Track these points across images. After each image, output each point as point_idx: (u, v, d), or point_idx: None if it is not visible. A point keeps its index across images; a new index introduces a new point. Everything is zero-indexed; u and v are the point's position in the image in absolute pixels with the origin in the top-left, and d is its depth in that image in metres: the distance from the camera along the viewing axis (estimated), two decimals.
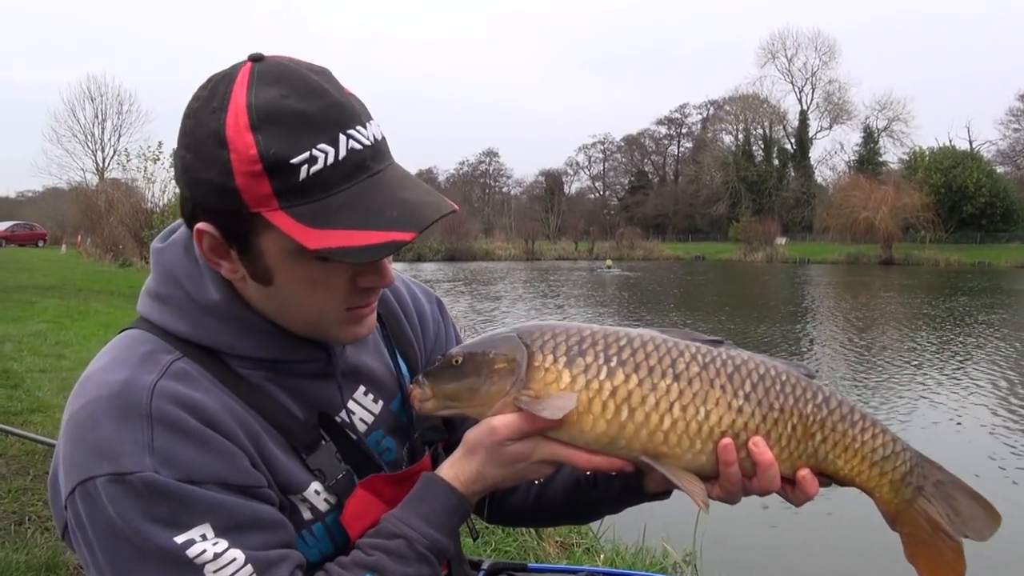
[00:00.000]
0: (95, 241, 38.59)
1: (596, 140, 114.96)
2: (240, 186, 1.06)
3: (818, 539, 6.51)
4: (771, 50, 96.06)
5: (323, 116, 1.08)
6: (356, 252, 1.08)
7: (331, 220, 1.07)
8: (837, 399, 1.29)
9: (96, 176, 59.62)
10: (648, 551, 4.72)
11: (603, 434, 1.20)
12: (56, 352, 9.21)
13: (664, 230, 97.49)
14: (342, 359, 1.32)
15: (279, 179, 1.06)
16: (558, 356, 1.22)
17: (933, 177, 67.93)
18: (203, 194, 1.11)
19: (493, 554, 3.89)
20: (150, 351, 1.17)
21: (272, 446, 1.20)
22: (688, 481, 1.21)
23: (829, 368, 13.97)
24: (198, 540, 1.06)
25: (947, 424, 10.35)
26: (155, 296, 1.24)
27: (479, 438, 1.21)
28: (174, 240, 1.28)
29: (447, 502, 1.21)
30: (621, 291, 35.66)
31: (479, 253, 78.83)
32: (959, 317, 23.07)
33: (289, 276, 1.15)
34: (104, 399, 1.10)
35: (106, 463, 1.06)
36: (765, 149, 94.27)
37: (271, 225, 1.08)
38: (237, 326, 1.21)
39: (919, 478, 1.31)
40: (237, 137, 1.05)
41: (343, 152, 1.08)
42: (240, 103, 1.06)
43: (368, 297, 1.23)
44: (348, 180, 1.09)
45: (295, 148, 1.05)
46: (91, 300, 16.54)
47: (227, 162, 1.06)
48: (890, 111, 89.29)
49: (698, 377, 1.23)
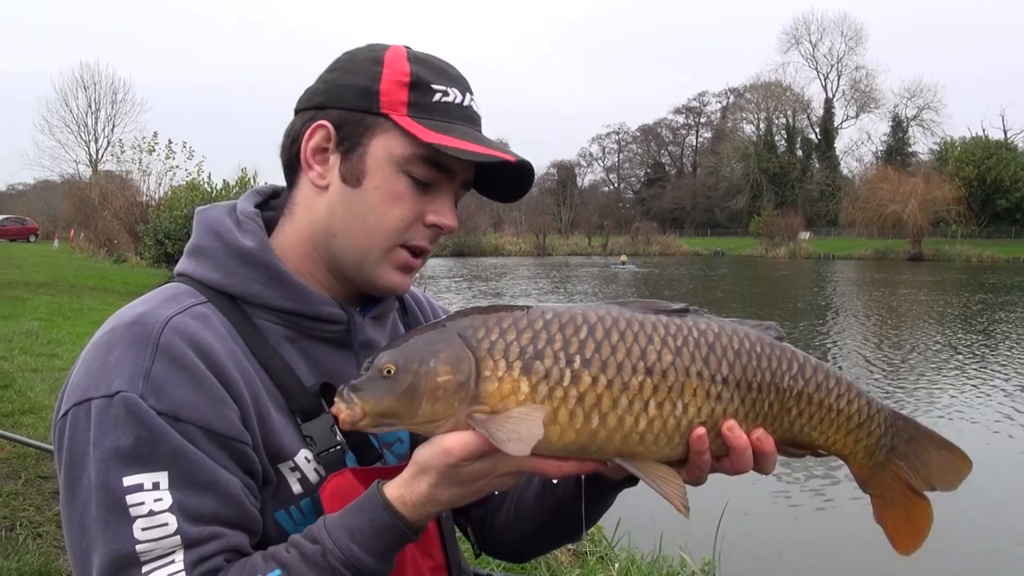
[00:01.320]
0: (88, 236, 38.90)
1: (610, 130, 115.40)
2: (383, 89, 1.28)
3: (844, 549, 6.48)
4: (795, 35, 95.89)
5: (459, 76, 1.36)
6: (465, 153, 1.25)
7: (448, 133, 1.27)
8: (812, 365, 1.27)
9: (89, 168, 60.25)
10: (665, 559, 4.72)
11: (572, 443, 1.12)
12: (48, 351, 9.27)
13: (682, 224, 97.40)
14: (361, 330, 1.39)
15: (417, 93, 1.29)
16: (512, 361, 1.11)
17: (965, 169, 67.60)
18: (342, 94, 1.30)
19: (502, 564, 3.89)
20: (177, 294, 1.27)
21: (270, 404, 1.25)
22: (665, 483, 1.15)
23: (862, 372, 13.91)
24: (146, 488, 1.11)
25: (992, 435, 10.28)
26: (193, 250, 1.35)
27: (430, 460, 1.14)
28: (217, 204, 1.41)
29: (378, 521, 1.16)
30: (635, 289, 35.59)
31: (488, 248, 79.00)
32: (996, 316, 22.91)
33: (379, 183, 1.29)
34: (121, 327, 1.19)
35: (103, 385, 1.14)
36: (788, 139, 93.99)
37: (392, 127, 1.28)
38: (268, 274, 1.30)
39: (893, 438, 1.32)
40: (395, 60, 1.30)
41: (467, 102, 1.34)
42: (400, 50, 1.33)
43: (426, 240, 1.34)
44: (464, 121, 1.32)
45: (437, 81, 1.31)
46: (84, 297, 16.63)
47: (379, 73, 1.29)
48: (920, 99, 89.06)
49: (672, 367, 1.16)
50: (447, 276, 41.54)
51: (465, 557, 1.57)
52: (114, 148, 40.18)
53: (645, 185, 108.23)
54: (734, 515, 5.07)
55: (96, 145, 64.12)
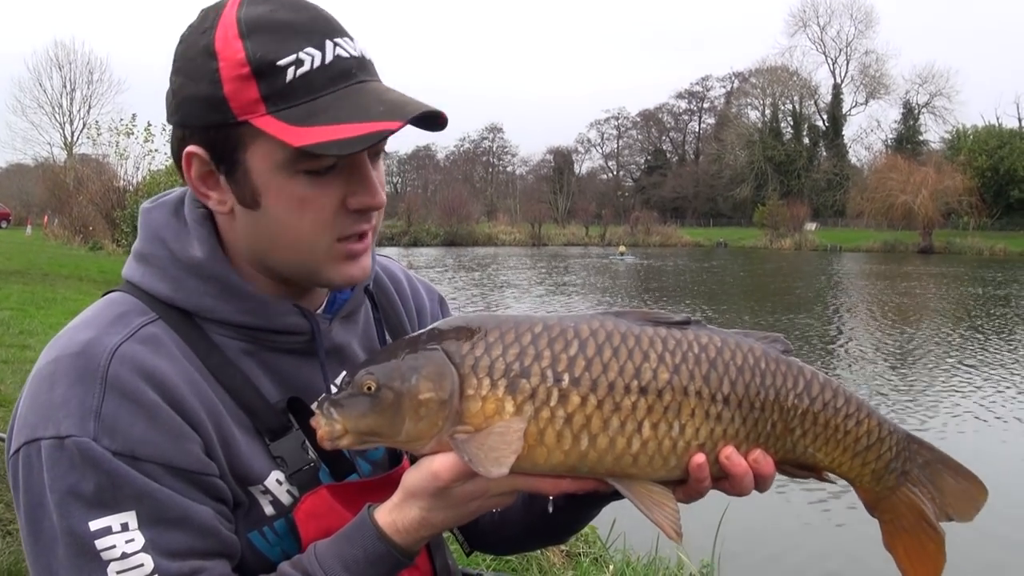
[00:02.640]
0: (63, 222, 38.61)
1: (609, 115, 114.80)
2: (228, 93, 1.13)
3: (846, 554, 6.52)
4: (802, 17, 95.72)
5: (310, 24, 1.17)
6: (340, 144, 1.12)
7: (316, 118, 1.13)
8: (819, 382, 1.24)
9: (64, 151, 59.85)
10: (662, 561, 4.74)
11: (560, 464, 1.11)
12: (20, 342, 9.24)
13: (683, 214, 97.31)
14: (327, 336, 1.34)
15: (266, 82, 1.13)
16: (496, 379, 1.09)
17: (978, 159, 67.67)
18: (192, 111, 1.18)
19: (493, 564, 3.91)
20: (123, 313, 1.21)
21: (234, 428, 1.22)
22: (657, 508, 1.13)
23: (868, 373, 13.96)
24: (116, 530, 1.09)
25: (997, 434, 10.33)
26: (139, 256, 1.29)
27: (420, 484, 1.13)
28: (163, 201, 1.34)
29: (372, 551, 1.16)
30: (633, 281, 35.61)
31: (481, 238, 78.92)
32: (1011, 311, 22.98)
33: (277, 195, 1.18)
34: (65, 358, 1.15)
35: (51, 425, 1.10)
36: (794, 126, 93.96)
37: (258, 134, 1.14)
38: (219, 287, 1.24)
39: (904, 463, 1.28)
40: (225, 47, 1.14)
41: (329, 57, 1.16)
42: (230, 18, 1.16)
43: (359, 223, 1.24)
44: (334, 84, 1.16)
45: (282, 51, 1.13)
46: (58, 286, 16.55)
47: (215, 71, 1.14)
48: (932, 85, 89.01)
49: (669, 387, 1.14)
50: (428, 266, 41.43)
51: (454, 557, 1.58)
52: (90, 130, 40.13)
53: (645, 173, 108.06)
54: (738, 518, 5.09)
55: (71, 127, 63.74)
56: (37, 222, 49.79)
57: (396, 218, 78.26)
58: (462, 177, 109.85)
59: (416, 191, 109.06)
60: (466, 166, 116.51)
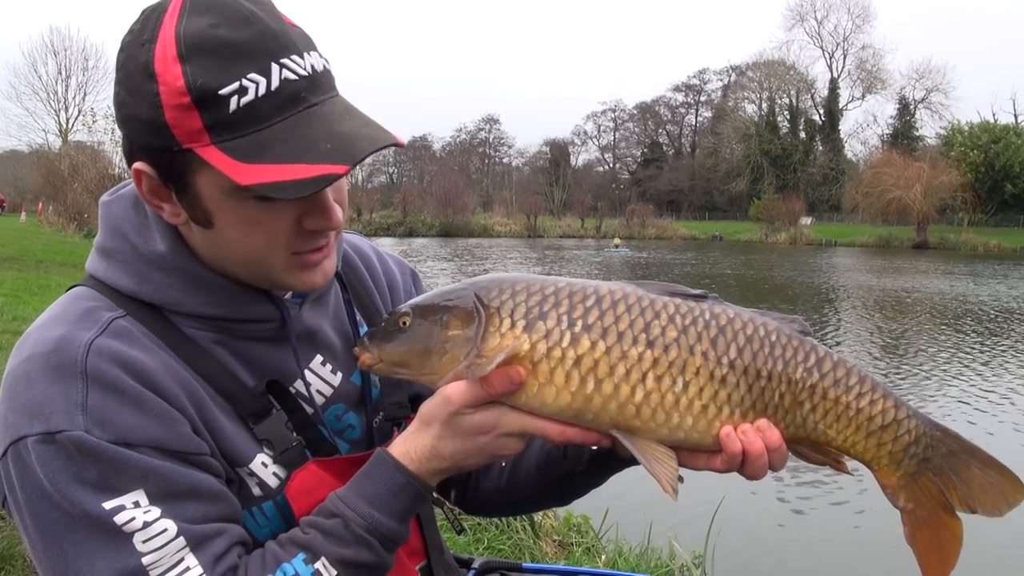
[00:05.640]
0: (57, 209, 38.59)
1: (606, 107, 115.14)
2: (170, 121, 1.09)
3: (839, 547, 6.54)
4: (799, 11, 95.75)
5: (254, 45, 1.10)
6: (288, 187, 1.09)
7: (263, 154, 1.09)
8: (832, 360, 1.25)
9: (59, 138, 59.64)
10: (654, 551, 4.75)
11: (567, 407, 1.16)
12: (13, 328, 9.21)
13: (679, 207, 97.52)
14: (297, 321, 1.33)
15: (209, 112, 1.08)
16: (517, 319, 1.17)
17: (971, 154, 67.80)
18: (136, 131, 1.14)
19: (485, 552, 3.91)
20: (91, 308, 1.20)
21: (217, 413, 1.22)
22: (656, 462, 1.17)
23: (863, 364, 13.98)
24: (129, 507, 1.08)
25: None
26: (101, 251, 1.27)
27: (433, 410, 1.18)
28: (123, 193, 1.31)
29: (393, 481, 1.18)
30: (626, 274, 35.61)
31: (476, 229, 78.85)
32: (1004, 309, 23.05)
33: (229, 218, 1.16)
34: (39, 356, 1.13)
35: (37, 422, 1.08)
36: (791, 120, 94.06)
37: (205, 162, 1.10)
38: (184, 280, 1.23)
39: (926, 449, 1.27)
40: (165, 69, 1.08)
41: (275, 82, 1.10)
42: (169, 34, 1.09)
43: (315, 241, 1.23)
44: (281, 112, 1.11)
45: (224, 78, 1.07)
46: (53, 273, 16.52)
47: (156, 95, 1.08)
48: (928, 80, 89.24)
49: (675, 343, 1.18)
50: (423, 257, 41.42)
51: (446, 542, 1.58)
52: (85, 117, 40.01)
53: (641, 166, 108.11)
54: (731, 508, 5.10)
55: (66, 114, 63.48)
56: (31, 209, 49.72)
57: (392, 208, 78.25)
58: (458, 168, 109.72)
59: (412, 182, 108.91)
60: (462, 157, 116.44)
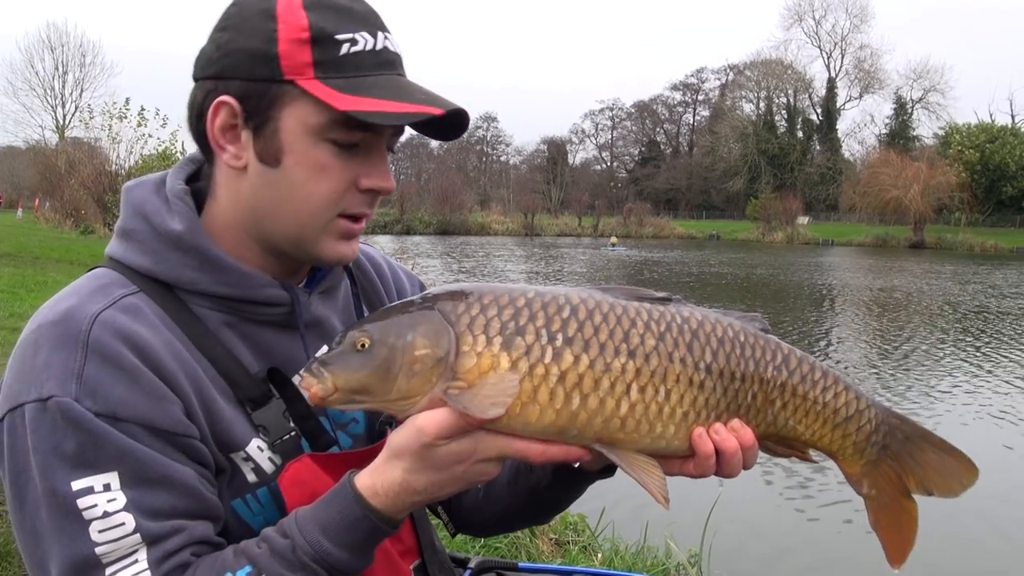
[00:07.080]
0: (54, 206, 38.49)
1: (604, 106, 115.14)
2: (282, 52, 1.19)
3: (833, 544, 6.55)
4: (798, 11, 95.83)
5: (366, 14, 1.26)
6: (387, 115, 1.19)
7: (362, 92, 1.19)
8: (796, 357, 1.28)
9: (56, 135, 59.54)
10: (650, 550, 4.75)
11: (551, 425, 1.11)
12: (10, 325, 9.20)
13: (676, 206, 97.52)
14: (307, 310, 1.35)
15: (321, 50, 1.19)
16: (492, 337, 1.10)
17: (967, 154, 67.87)
18: (237, 63, 1.21)
19: (482, 551, 3.92)
20: (104, 284, 1.23)
21: (216, 395, 1.23)
22: (646, 472, 1.15)
23: (856, 368, 14.01)
24: (97, 490, 1.10)
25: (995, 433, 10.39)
26: (121, 232, 1.31)
27: (403, 441, 1.11)
28: (145, 180, 1.36)
29: (348, 514, 1.14)
30: (622, 272, 35.62)
31: (474, 227, 78.75)
32: (1002, 309, 23.09)
33: (300, 158, 1.22)
34: (47, 326, 1.17)
35: (34, 389, 1.12)
36: (788, 119, 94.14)
37: (301, 95, 1.19)
38: (199, 259, 1.26)
39: (885, 436, 1.31)
40: (289, 12, 1.20)
41: (380, 44, 1.24)
42: None
43: (364, 205, 1.28)
44: (380, 69, 1.24)
45: (341, 28, 1.21)
46: (49, 269, 16.49)
47: (273, 31, 1.19)
48: (926, 80, 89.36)
49: (655, 352, 1.16)
50: (421, 255, 41.39)
51: (441, 540, 1.57)
52: (82, 114, 40.03)
53: (639, 164, 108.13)
54: (729, 508, 5.11)
55: (63, 110, 63.48)
56: (28, 205, 49.62)
57: (389, 206, 78.06)
58: (456, 166, 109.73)
59: (409, 179, 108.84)
60: (460, 155, 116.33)
